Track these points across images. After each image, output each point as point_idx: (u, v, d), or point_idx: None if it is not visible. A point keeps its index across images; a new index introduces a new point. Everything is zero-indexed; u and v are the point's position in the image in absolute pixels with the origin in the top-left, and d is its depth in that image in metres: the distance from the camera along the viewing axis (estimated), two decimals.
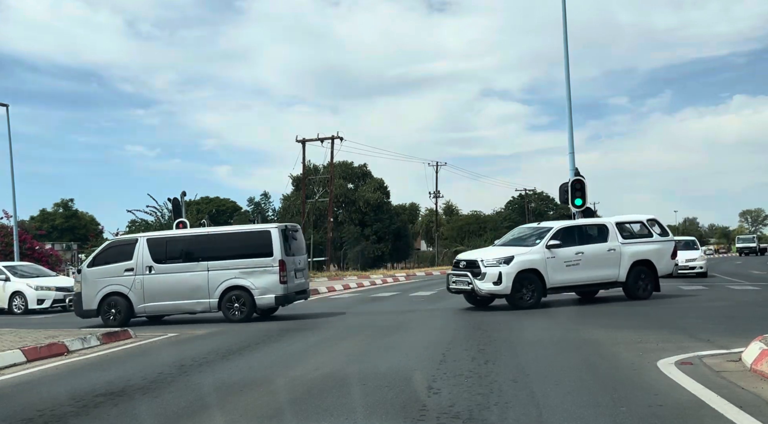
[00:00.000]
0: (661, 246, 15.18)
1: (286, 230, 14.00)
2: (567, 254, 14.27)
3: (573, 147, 21.34)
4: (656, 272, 14.97)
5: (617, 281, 14.75)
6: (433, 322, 12.46)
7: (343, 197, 55.57)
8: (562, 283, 14.38)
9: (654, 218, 15.86)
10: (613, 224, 15.00)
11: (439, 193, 57.89)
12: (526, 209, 77.47)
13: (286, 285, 13.44)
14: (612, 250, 14.61)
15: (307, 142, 41.62)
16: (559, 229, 14.71)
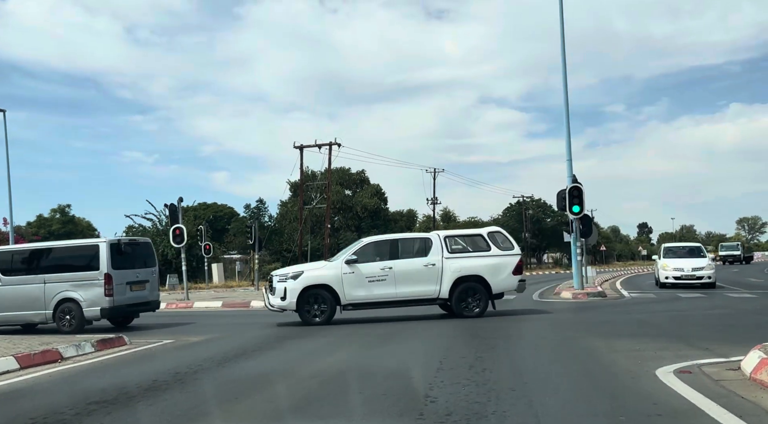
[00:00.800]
0: (498, 261, 13.94)
1: (119, 244, 14.39)
2: (371, 270, 13.64)
3: (570, 154, 21.35)
4: (490, 288, 13.90)
5: (438, 297, 13.89)
6: (430, 329, 12.40)
7: (340, 203, 55.55)
8: (362, 299, 13.72)
9: (498, 231, 14.62)
10: (440, 238, 14.09)
11: (437, 199, 57.89)
12: (524, 216, 77.54)
13: (112, 298, 13.81)
14: (431, 265, 13.73)
15: (304, 148, 41.59)
16: (366, 244, 14.26)
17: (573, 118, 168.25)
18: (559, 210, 21.55)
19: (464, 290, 13.82)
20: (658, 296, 19.59)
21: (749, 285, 24.55)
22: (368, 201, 55.57)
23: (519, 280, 14.11)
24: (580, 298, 18.96)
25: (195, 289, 32.70)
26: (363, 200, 55.70)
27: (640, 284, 29.38)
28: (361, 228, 55.68)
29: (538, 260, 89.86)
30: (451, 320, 13.72)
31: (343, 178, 57.18)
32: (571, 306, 16.90)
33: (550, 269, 79.36)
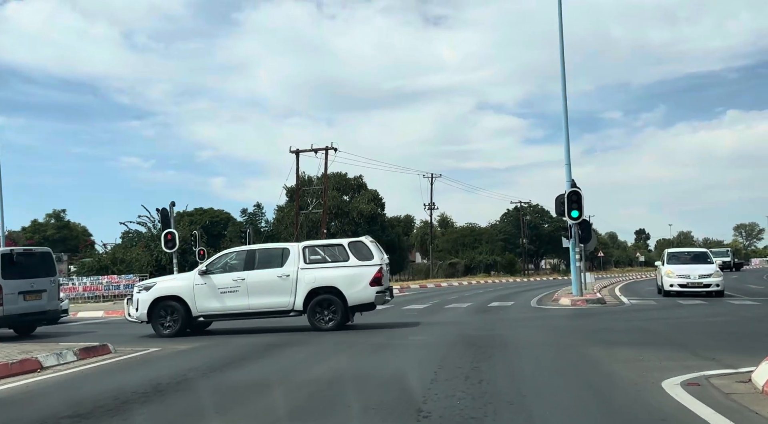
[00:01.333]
0: (354, 271, 13.13)
1: (11, 255, 14.40)
2: (223, 281, 13.28)
3: (569, 158, 21.05)
4: (345, 300, 13.13)
5: (292, 309, 13.26)
6: (425, 337, 12.03)
7: (336, 209, 55.16)
8: (214, 311, 13.33)
9: (360, 241, 13.70)
10: (298, 248, 13.54)
11: (434, 205, 57.57)
12: (522, 222, 77.22)
13: (2, 308, 13.78)
14: (285, 276, 13.17)
15: (300, 153, 41.26)
16: (223, 254, 14.08)
17: (571, 124, 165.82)
18: (558, 215, 21.21)
19: (319, 302, 13.17)
20: (659, 302, 19.23)
21: (750, 292, 24.21)
22: (365, 207, 55.19)
23: (377, 292, 13.17)
24: (579, 305, 18.60)
25: None
26: (360, 206, 55.31)
27: (639, 290, 29.05)
28: (357, 233, 55.24)
29: (536, 266, 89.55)
30: (447, 328, 13.36)
31: (340, 183, 56.82)
32: (569, 313, 16.54)
33: (547, 275, 79.03)
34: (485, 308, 18.96)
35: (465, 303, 21.63)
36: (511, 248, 78.44)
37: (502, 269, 70.33)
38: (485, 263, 68.21)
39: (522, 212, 78.69)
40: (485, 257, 68.36)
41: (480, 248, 72.18)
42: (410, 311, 18.73)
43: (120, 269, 36.23)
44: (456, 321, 14.93)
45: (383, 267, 13.41)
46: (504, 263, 70.84)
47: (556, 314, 16.57)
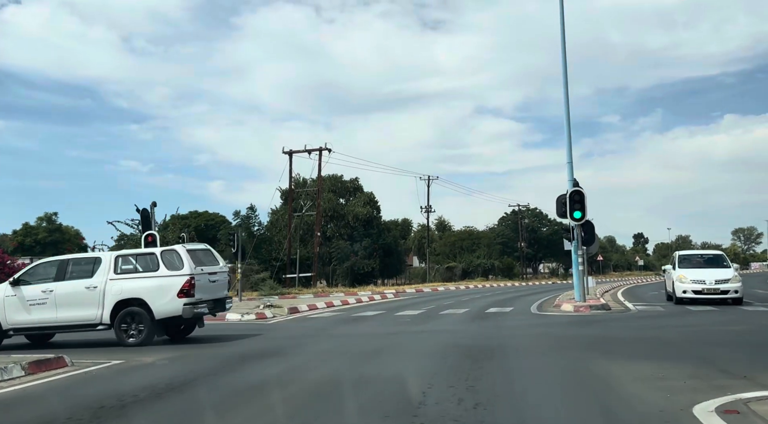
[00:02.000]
0: (162, 282, 12.16)
1: None
2: (32, 293, 12.42)
3: (571, 156, 19.99)
4: (152, 313, 12.12)
5: (100, 323, 12.25)
6: (416, 347, 10.95)
7: (332, 211, 54.08)
8: (23, 324, 12.47)
9: (174, 250, 12.61)
10: (111, 258, 12.66)
11: (431, 207, 56.49)
12: (520, 225, 76.16)
13: None
14: (93, 287, 12.29)
15: (294, 153, 40.17)
16: (36, 264, 13.18)
17: None
18: (559, 217, 20.14)
19: (125, 315, 12.19)
20: (666, 308, 18.13)
21: (760, 298, 23.14)
22: (360, 210, 54.08)
23: (184, 304, 12.10)
24: (582, 311, 17.52)
25: None
26: (355, 209, 54.21)
27: (643, 295, 27.99)
28: (353, 237, 54.19)
29: (534, 270, 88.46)
30: (441, 337, 12.27)
31: (335, 185, 55.74)
32: (573, 320, 15.45)
33: (546, 279, 77.94)
34: (482, 315, 17.87)
35: (461, 309, 20.55)
36: (509, 252, 77.36)
37: (500, 273, 69.24)
38: (483, 267, 67.07)
39: (520, 215, 77.62)
40: (483, 261, 67.22)
41: (478, 252, 71.07)
42: (403, 318, 17.63)
43: None
44: (451, 329, 13.83)
45: (194, 277, 12.21)
46: (502, 267, 69.72)
47: (559, 321, 15.48)
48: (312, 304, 23.14)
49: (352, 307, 23.83)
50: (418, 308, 21.87)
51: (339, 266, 52.71)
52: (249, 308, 21.11)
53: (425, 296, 33.63)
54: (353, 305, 25.45)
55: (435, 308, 21.34)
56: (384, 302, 27.63)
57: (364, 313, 19.90)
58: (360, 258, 52.74)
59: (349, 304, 25.59)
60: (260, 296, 33.30)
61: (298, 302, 25.86)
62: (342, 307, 23.67)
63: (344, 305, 25.04)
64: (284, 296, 33.60)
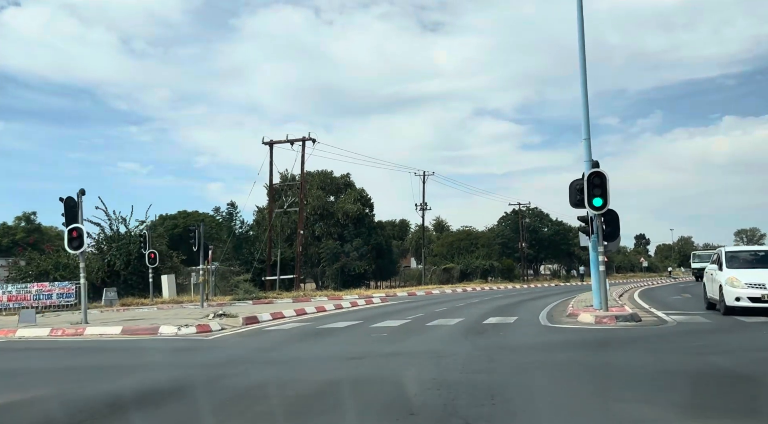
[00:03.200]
0: None
1: None
2: None
3: (589, 132, 16.13)
4: None
5: None
6: (379, 384, 7.07)
7: (321, 209, 50.18)
8: None
9: None
10: None
11: (426, 205, 52.56)
12: (521, 225, 72.24)
13: None
14: None
15: (275, 144, 36.29)
16: None
17: (567, 131, 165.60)
18: (574, 206, 16.21)
19: None
20: (712, 320, 14.14)
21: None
22: (350, 207, 50.13)
23: None
24: (606, 323, 13.61)
25: (136, 305, 27.28)
26: (345, 206, 50.28)
27: (664, 299, 24.08)
28: (343, 236, 50.29)
29: (535, 272, 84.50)
30: (419, 362, 8.37)
31: (324, 181, 51.83)
32: (599, 337, 11.55)
33: (547, 280, 73.99)
34: (479, 327, 13.93)
35: (454, 318, 16.65)
36: (509, 253, 73.40)
37: (499, 274, 65.29)
38: (482, 269, 63.08)
39: (521, 214, 73.67)
40: (482, 262, 63.22)
41: (477, 253, 67.09)
42: (379, 331, 13.72)
43: (63, 274, 31.17)
44: (434, 351, 9.93)
45: None
46: (502, 269, 65.74)
47: (582, 338, 11.56)
48: (278, 312, 19.22)
49: (326, 315, 19.91)
50: (403, 316, 17.98)
51: (329, 267, 48.87)
52: (197, 317, 17.21)
53: (417, 300, 29.72)
54: (330, 312, 21.54)
55: (423, 317, 17.46)
56: (367, 308, 23.71)
57: (335, 324, 15.99)
58: (351, 259, 48.87)
59: (326, 311, 21.69)
60: (233, 300, 29.44)
61: (268, 308, 21.99)
62: (314, 315, 19.75)
63: (319, 312, 21.14)
64: (259, 300, 29.72)
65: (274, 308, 21.41)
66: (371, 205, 53.64)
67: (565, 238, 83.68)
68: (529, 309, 19.95)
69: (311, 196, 50.17)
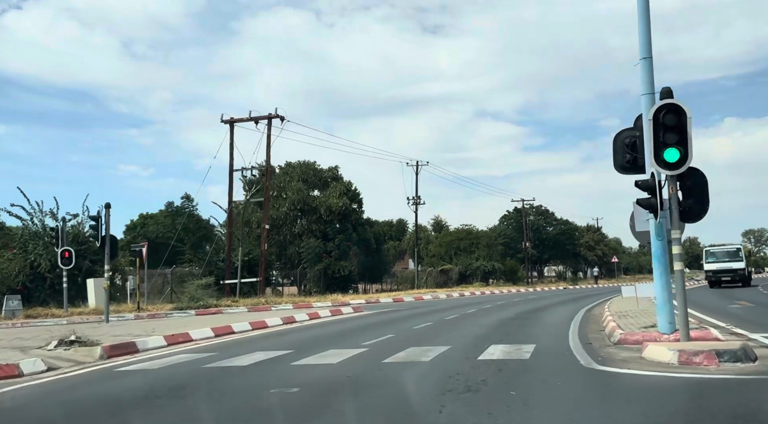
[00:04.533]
0: None
1: None
2: None
3: (650, 50, 9.91)
4: None
5: None
6: None
7: (302, 204, 43.95)
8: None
9: None
10: None
11: (420, 199, 46.29)
12: (524, 223, 65.95)
13: None
14: None
15: (236, 123, 30.15)
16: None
17: (568, 132, 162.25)
18: (621, 170, 10.02)
19: None
20: None
21: None
22: (335, 201, 43.82)
23: None
24: (700, 364, 7.42)
25: (45, 316, 21.20)
26: (329, 200, 44.04)
27: (722, 308, 17.83)
28: (327, 234, 44.04)
29: (539, 274, 78.20)
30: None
31: (307, 173, 45.56)
32: (712, 407, 5.33)
33: (553, 283, 67.70)
34: (471, 375, 7.61)
35: (436, 346, 10.41)
36: (511, 253, 67.13)
37: (502, 276, 58.97)
38: (483, 270, 56.77)
39: (524, 212, 67.34)
40: (483, 263, 56.89)
41: (477, 253, 60.63)
42: (294, 379, 7.49)
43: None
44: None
45: None
46: (504, 270, 59.39)
47: (674, 409, 5.32)
48: (182, 334, 13.01)
49: (255, 337, 13.69)
50: (363, 339, 11.80)
51: (310, 269, 42.65)
52: (35, 344, 11.06)
53: (400, 309, 23.50)
54: (270, 329, 15.36)
55: (390, 343, 11.29)
56: (329, 322, 17.54)
57: (241, 359, 9.74)
58: (334, 259, 42.63)
59: (265, 328, 15.50)
60: (172, 310, 23.31)
61: (198, 323, 15.92)
62: (235, 338, 13.52)
63: (254, 329, 14.97)
64: (206, 310, 23.58)
65: (212, 322, 15.35)
66: (360, 200, 47.39)
67: (571, 237, 77.33)
68: (547, 326, 13.76)
69: (291, 189, 44.02)
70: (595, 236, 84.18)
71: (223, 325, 14.65)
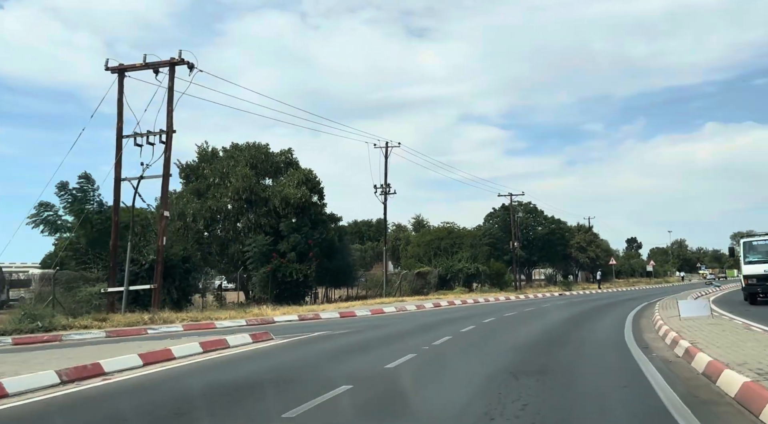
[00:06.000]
0: None
1: None
2: None
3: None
4: None
5: None
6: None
7: (248, 193, 35.51)
8: None
9: None
10: None
11: (390, 187, 37.90)
12: (512, 219, 57.78)
13: None
14: None
15: (127, 71, 21.67)
16: None
17: (552, 136, 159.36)
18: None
19: None
20: None
21: None
22: (292, 192, 35.46)
23: None
24: None
25: None
26: (284, 190, 35.65)
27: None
28: (280, 231, 35.65)
29: (528, 277, 70.13)
30: None
31: (257, 158, 37.05)
32: None
33: (543, 288, 59.65)
34: None
35: None
36: (498, 255, 58.94)
37: (487, 280, 50.79)
38: (466, 273, 48.51)
39: (512, 209, 59.21)
40: (466, 266, 48.63)
41: (460, 254, 52.22)
42: None
43: None
44: None
45: None
46: (490, 273, 51.13)
47: None
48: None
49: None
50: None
51: (255, 272, 34.20)
52: None
53: (336, 335, 15.14)
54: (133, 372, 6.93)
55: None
56: (244, 355, 9.22)
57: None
58: (287, 260, 34.21)
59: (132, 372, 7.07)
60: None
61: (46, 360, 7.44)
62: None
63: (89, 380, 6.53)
64: (33, 337, 15.05)
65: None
66: (321, 190, 38.95)
67: (562, 238, 69.34)
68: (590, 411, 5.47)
69: (235, 175, 35.56)
70: (587, 236, 76.38)
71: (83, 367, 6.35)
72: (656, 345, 10.27)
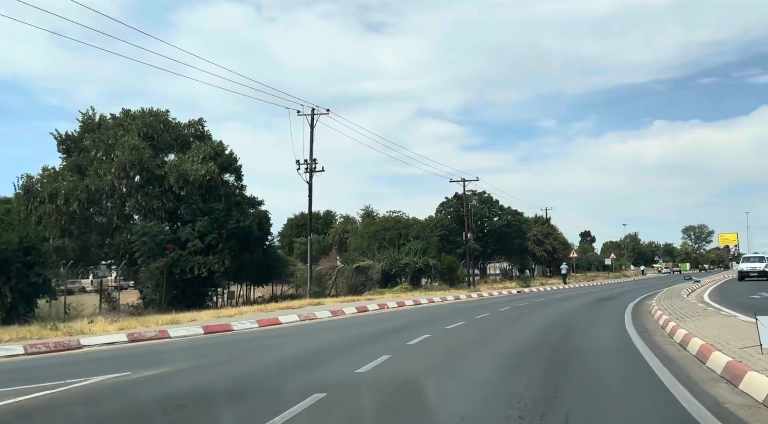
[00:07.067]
0: None
1: None
2: None
3: None
4: None
5: None
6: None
7: (139, 168, 28.10)
8: None
9: None
10: None
11: (316, 163, 30.80)
12: (466, 207, 51.52)
13: None
14: None
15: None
16: None
17: (506, 133, 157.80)
18: None
19: None
20: None
21: None
22: (195, 167, 28.25)
23: None
24: None
25: None
26: (183, 165, 28.38)
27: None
28: (180, 215, 28.43)
29: (482, 272, 64.11)
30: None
31: (152, 127, 29.61)
32: None
33: (499, 284, 53.68)
34: None
35: None
36: (449, 248, 52.62)
37: (438, 275, 44.40)
38: (413, 268, 41.93)
39: (466, 197, 52.92)
40: (413, 259, 42.04)
41: (408, 246, 45.49)
42: None
43: None
44: None
45: None
46: (441, 268, 44.68)
47: None
48: None
49: None
50: None
51: (146, 266, 26.84)
52: None
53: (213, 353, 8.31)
54: None
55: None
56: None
57: None
58: (188, 253, 26.98)
59: None
60: None
61: None
62: None
63: None
64: None
65: None
66: (237, 169, 31.82)
67: (519, 230, 63.61)
68: None
69: (121, 145, 28.07)
70: (544, 228, 71.09)
71: None
72: None
